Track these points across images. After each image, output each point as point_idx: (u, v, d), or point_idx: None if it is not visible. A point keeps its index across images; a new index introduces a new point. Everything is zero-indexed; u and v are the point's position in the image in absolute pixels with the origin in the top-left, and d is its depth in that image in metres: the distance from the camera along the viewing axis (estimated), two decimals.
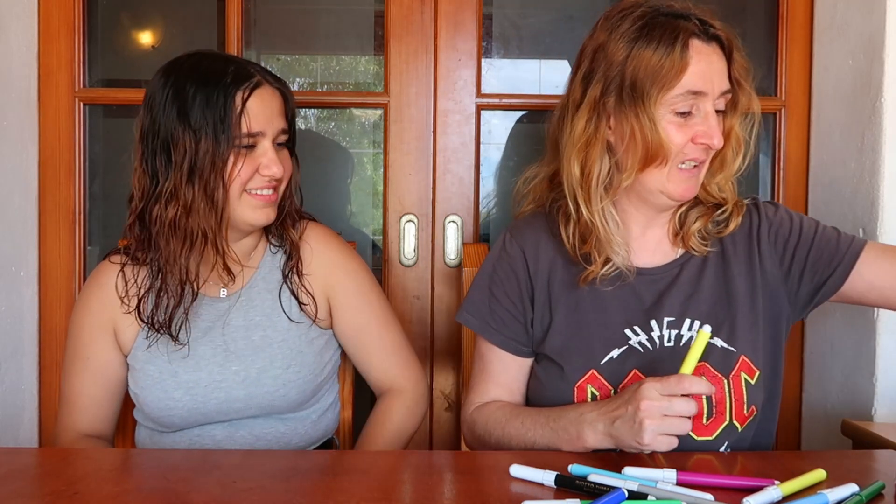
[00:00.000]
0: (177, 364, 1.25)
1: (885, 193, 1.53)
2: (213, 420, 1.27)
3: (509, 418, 1.17)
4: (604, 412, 1.05)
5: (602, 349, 1.17)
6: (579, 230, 1.19)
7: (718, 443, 1.14)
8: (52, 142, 1.76)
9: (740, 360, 1.16)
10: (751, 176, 1.89)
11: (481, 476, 0.97)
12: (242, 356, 1.26)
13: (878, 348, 1.54)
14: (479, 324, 1.24)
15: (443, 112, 1.77)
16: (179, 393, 1.24)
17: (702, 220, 1.21)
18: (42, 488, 0.90)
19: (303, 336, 1.29)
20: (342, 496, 0.90)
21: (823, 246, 1.19)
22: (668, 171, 1.14)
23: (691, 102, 1.11)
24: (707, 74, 1.11)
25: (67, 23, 1.75)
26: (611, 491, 0.85)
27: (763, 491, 0.88)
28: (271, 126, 1.22)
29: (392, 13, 1.76)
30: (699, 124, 1.12)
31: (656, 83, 1.10)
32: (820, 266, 1.19)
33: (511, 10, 1.92)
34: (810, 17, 1.78)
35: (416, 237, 1.78)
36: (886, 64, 1.52)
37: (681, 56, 1.09)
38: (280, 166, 1.22)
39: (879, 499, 0.90)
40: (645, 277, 1.21)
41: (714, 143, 1.12)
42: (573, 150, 1.16)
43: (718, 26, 1.13)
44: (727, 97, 1.15)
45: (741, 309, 1.18)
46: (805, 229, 1.21)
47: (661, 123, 1.11)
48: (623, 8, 1.16)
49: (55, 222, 1.76)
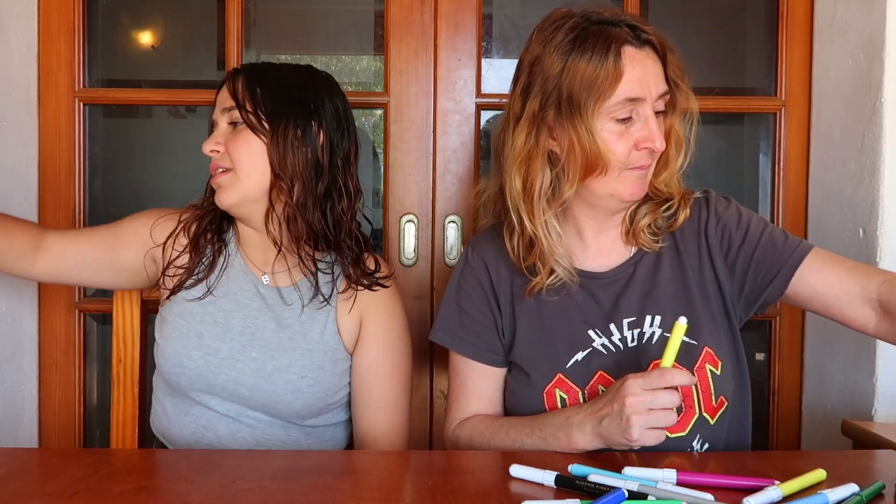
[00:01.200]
0: (205, 326, 1.28)
1: (885, 193, 1.53)
2: (218, 394, 1.27)
3: (494, 430, 1.18)
4: (590, 413, 1.06)
5: (567, 353, 1.19)
6: (523, 242, 1.20)
7: (691, 437, 1.16)
8: (52, 142, 1.76)
9: (704, 352, 1.17)
10: (751, 176, 1.89)
11: (481, 476, 0.97)
12: (265, 348, 1.27)
13: (878, 348, 1.54)
14: (453, 340, 1.26)
15: (443, 112, 1.77)
16: (198, 354, 1.26)
17: (650, 216, 1.22)
18: (42, 488, 0.90)
19: (328, 354, 1.29)
20: (342, 496, 0.90)
21: (769, 248, 1.19)
22: (618, 174, 1.15)
23: (630, 108, 1.12)
24: (643, 80, 1.12)
25: (67, 23, 1.75)
26: (611, 491, 0.85)
27: (763, 491, 0.88)
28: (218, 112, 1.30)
29: (392, 13, 1.76)
30: (640, 130, 1.13)
31: (592, 94, 1.10)
32: (763, 267, 1.19)
33: (511, 10, 1.91)
34: (810, 17, 1.78)
35: (416, 237, 1.78)
36: (886, 64, 1.52)
37: (614, 65, 1.10)
38: (213, 143, 1.27)
39: (879, 499, 0.90)
40: (601, 281, 1.22)
41: (656, 146, 1.13)
42: (514, 165, 1.18)
43: (650, 30, 1.14)
44: (665, 98, 1.16)
45: (698, 301, 1.20)
46: (752, 229, 1.21)
47: (602, 134, 1.12)
48: (555, 19, 1.16)
49: (55, 222, 1.76)
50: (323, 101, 1.29)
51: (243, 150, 1.25)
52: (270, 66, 1.34)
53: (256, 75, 1.29)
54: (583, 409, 1.08)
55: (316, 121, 1.28)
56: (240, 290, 1.31)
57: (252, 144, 1.25)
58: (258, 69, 1.32)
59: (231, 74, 1.31)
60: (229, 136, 1.26)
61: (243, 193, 1.26)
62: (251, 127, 1.25)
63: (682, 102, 1.19)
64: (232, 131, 1.27)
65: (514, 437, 1.14)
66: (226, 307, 1.30)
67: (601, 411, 1.05)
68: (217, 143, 1.27)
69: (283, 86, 1.28)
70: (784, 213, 1.81)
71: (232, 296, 1.31)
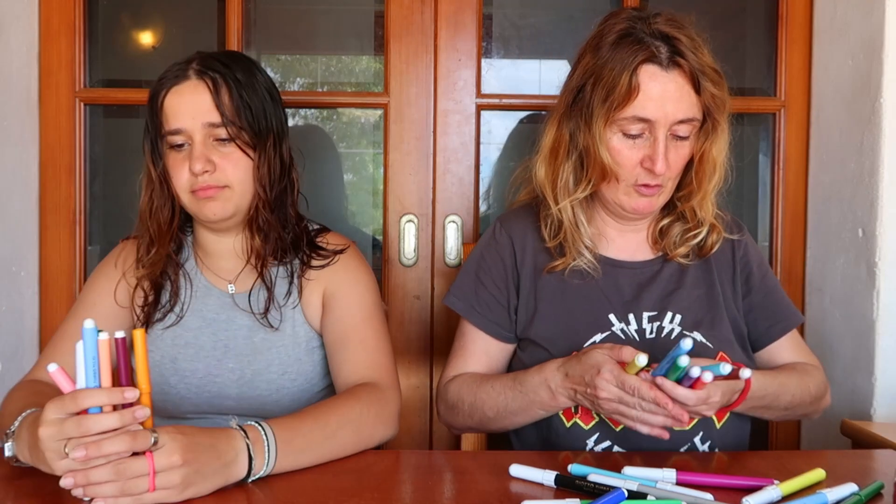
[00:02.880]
0: (177, 350, 1.26)
1: (884, 193, 1.53)
2: (206, 413, 1.27)
3: (481, 383, 1.20)
4: (567, 385, 1.09)
5: (586, 333, 1.20)
6: (554, 224, 1.24)
7: (693, 433, 1.16)
8: (53, 142, 1.76)
9: (718, 356, 1.18)
10: (751, 176, 1.89)
11: (481, 476, 0.97)
12: (241, 356, 1.26)
13: (878, 348, 1.54)
14: (465, 307, 1.28)
15: (443, 112, 1.77)
16: (175, 379, 1.25)
17: (685, 247, 1.25)
18: (42, 488, 0.90)
19: (303, 344, 1.28)
20: (342, 496, 0.90)
21: (776, 301, 1.29)
22: (626, 188, 1.17)
23: (641, 127, 1.13)
24: (659, 102, 1.11)
25: (67, 23, 1.75)
26: (611, 491, 0.86)
27: (763, 490, 0.88)
28: (192, 121, 1.18)
29: (392, 13, 1.76)
30: (647, 148, 1.14)
31: (605, 103, 1.12)
32: (761, 317, 1.27)
33: (511, 10, 1.92)
34: (810, 18, 1.78)
35: (416, 237, 1.78)
36: (886, 64, 1.53)
37: (629, 81, 1.10)
38: (202, 161, 1.17)
39: (878, 498, 0.90)
40: (626, 270, 1.25)
41: (657, 168, 1.13)
42: (542, 154, 1.23)
43: (690, 57, 1.11)
44: (692, 124, 1.15)
45: (720, 311, 1.22)
46: (770, 277, 1.30)
47: (611, 143, 1.14)
48: (619, 13, 1.17)
49: (55, 222, 1.76)
50: (280, 104, 1.29)
51: (240, 168, 1.21)
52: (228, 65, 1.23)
53: (231, 82, 1.21)
54: (558, 371, 1.11)
55: (284, 131, 1.28)
56: (204, 306, 1.29)
57: (244, 162, 1.22)
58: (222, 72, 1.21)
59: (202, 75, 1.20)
60: (219, 155, 1.20)
61: (237, 206, 1.23)
62: (241, 145, 1.21)
63: (719, 133, 1.18)
64: (217, 147, 1.21)
65: (499, 390, 1.17)
66: (193, 326, 1.28)
67: (576, 386, 1.07)
68: (208, 162, 1.19)
69: (255, 93, 1.24)
70: (784, 213, 1.81)
71: (198, 313, 1.28)
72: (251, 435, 0.94)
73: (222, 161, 1.20)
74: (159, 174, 1.24)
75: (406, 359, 1.77)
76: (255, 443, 0.94)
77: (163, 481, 0.84)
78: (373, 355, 1.23)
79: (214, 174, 1.19)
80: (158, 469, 0.84)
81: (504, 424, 1.20)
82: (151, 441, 0.84)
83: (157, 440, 0.85)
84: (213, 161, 1.19)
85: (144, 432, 0.84)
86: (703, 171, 1.20)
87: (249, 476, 0.93)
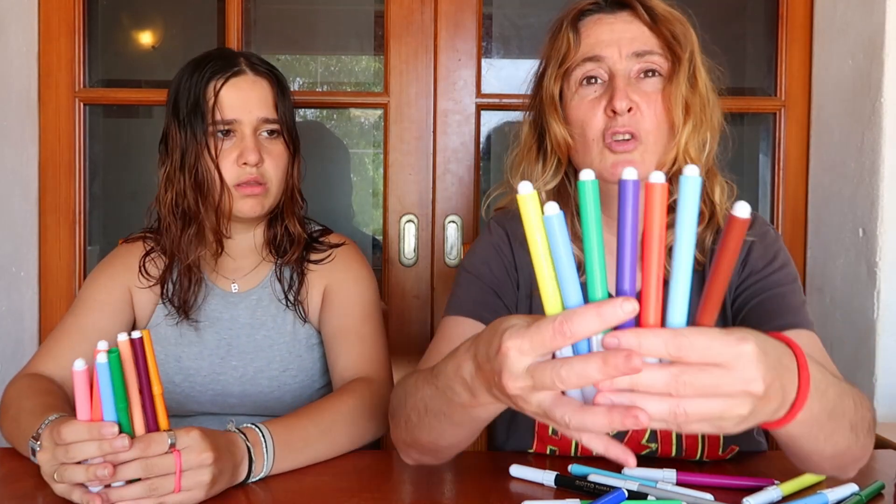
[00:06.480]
0: (182, 348, 1.27)
1: (884, 193, 1.53)
2: (209, 411, 1.28)
3: (417, 382, 0.87)
4: (481, 378, 0.68)
5: None
6: None
7: None
8: (52, 142, 1.76)
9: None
10: (751, 176, 1.89)
11: (481, 476, 0.97)
12: (243, 354, 1.27)
13: (878, 348, 1.54)
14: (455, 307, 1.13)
15: (443, 112, 1.77)
16: (179, 378, 1.26)
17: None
18: (42, 488, 0.90)
19: (304, 341, 1.29)
20: (342, 496, 0.90)
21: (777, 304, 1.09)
22: (598, 148, 1.04)
23: (590, 69, 1.05)
24: (608, 40, 1.04)
25: (67, 23, 1.75)
26: (611, 491, 0.85)
27: (763, 491, 0.88)
28: (249, 115, 1.22)
29: (392, 13, 1.76)
30: (608, 95, 1.04)
31: (552, 65, 1.07)
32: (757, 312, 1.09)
33: (511, 10, 1.92)
34: (810, 17, 1.78)
35: (416, 237, 1.78)
36: (886, 64, 1.53)
37: (570, 30, 1.05)
38: (257, 153, 1.21)
39: (879, 499, 0.90)
40: None
41: (616, 105, 1.01)
42: (515, 157, 1.16)
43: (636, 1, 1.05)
44: (655, 63, 1.05)
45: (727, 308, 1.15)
46: (774, 278, 1.11)
47: (571, 103, 1.06)
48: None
49: (55, 222, 1.76)
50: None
51: (280, 166, 1.26)
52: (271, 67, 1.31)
53: (279, 82, 1.28)
54: (468, 355, 0.70)
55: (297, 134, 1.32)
56: (207, 305, 1.30)
57: (283, 160, 1.26)
58: (274, 72, 1.28)
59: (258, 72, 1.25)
60: (264, 150, 1.23)
61: (269, 206, 1.26)
62: (287, 141, 1.27)
63: (681, 70, 1.04)
64: (264, 143, 1.24)
65: (421, 383, 0.84)
66: (198, 324, 1.28)
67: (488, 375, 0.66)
68: (259, 155, 1.22)
69: (289, 97, 1.30)
70: (784, 213, 1.81)
71: (201, 312, 1.29)
72: (250, 437, 0.95)
73: (268, 157, 1.24)
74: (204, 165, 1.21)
75: (406, 359, 1.77)
76: (254, 445, 0.94)
77: (191, 480, 0.84)
78: (369, 351, 1.25)
79: (261, 167, 1.23)
80: (188, 467, 0.83)
81: (433, 438, 0.85)
82: (169, 442, 0.83)
83: (175, 442, 0.84)
84: (262, 155, 1.23)
85: (161, 434, 0.83)
86: (673, 114, 1.04)
87: (249, 478, 0.93)
